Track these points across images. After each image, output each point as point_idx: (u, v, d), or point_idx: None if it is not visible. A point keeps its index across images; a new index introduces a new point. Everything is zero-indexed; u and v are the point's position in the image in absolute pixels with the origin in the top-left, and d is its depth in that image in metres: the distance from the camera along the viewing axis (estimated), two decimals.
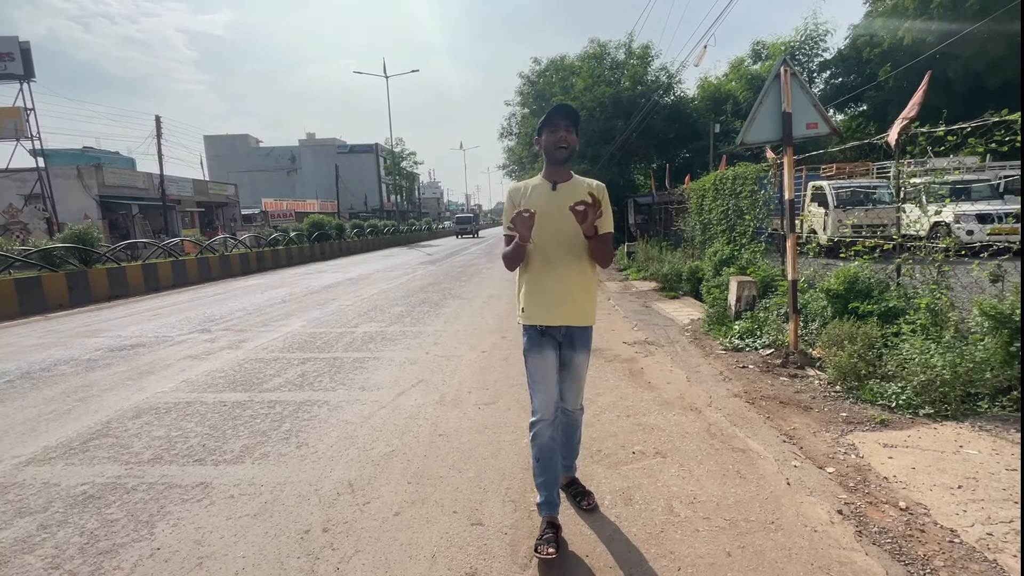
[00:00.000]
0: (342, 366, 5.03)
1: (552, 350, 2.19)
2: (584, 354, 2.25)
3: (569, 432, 2.43)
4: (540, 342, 2.18)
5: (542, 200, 2.17)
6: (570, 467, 2.55)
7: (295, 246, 20.73)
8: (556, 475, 2.23)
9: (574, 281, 2.16)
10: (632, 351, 5.27)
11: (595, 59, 21.81)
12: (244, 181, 44.07)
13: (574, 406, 2.36)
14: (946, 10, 19.19)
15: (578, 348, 2.22)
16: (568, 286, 2.16)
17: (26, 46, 22.38)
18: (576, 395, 2.33)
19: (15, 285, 9.35)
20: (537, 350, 2.19)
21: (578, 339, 2.22)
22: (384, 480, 2.77)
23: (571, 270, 2.16)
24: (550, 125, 2.14)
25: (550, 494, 2.19)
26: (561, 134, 2.12)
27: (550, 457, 2.19)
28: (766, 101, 4.51)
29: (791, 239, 4.63)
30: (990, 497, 2.34)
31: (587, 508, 2.43)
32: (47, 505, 2.63)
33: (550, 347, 2.19)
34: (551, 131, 2.13)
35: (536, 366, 2.19)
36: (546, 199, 2.17)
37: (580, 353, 2.23)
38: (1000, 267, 3.77)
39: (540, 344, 2.18)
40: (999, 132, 3.83)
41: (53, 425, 3.73)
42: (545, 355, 2.18)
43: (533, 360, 2.20)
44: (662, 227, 15.38)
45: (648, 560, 2.06)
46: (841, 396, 3.69)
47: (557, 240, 2.14)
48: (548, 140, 2.14)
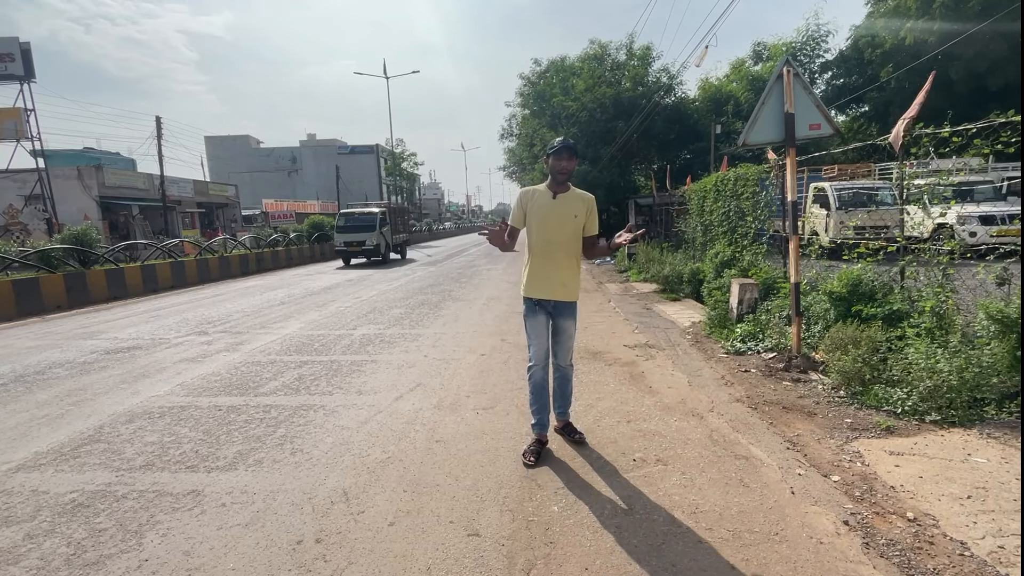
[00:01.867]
0: (339, 369, 4.97)
1: (544, 315, 2.98)
2: (570, 321, 3.00)
3: (563, 384, 3.13)
4: (535, 309, 2.98)
5: (544, 207, 2.94)
6: (563, 413, 3.21)
7: (295, 247, 20.68)
8: (546, 403, 3.04)
9: (563, 268, 2.94)
10: (633, 354, 5.21)
11: (596, 60, 21.78)
12: (245, 182, 44.02)
13: (565, 362, 3.06)
14: (948, 11, 19.10)
15: (565, 316, 2.98)
16: (558, 271, 2.93)
17: (27, 47, 22.36)
18: (566, 353, 3.05)
19: (12, 286, 9.30)
20: (532, 314, 2.98)
21: (565, 310, 2.98)
22: (379, 488, 2.71)
23: (561, 261, 2.93)
24: (556, 155, 2.85)
25: (541, 417, 3.03)
26: (564, 164, 2.87)
27: (542, 390, 3.01)
28: (768, 102, 4.46)
29: (793, 241, 4.57)
30: (1000, 508, 2.28)
31: (577, 440, 3.15)
32: (35, 514, 2.57)
33: (543, 313, 2.98)
34: (556, 159, 2.86)
35: (531, 325, 2.98)
36: (548, 207, 2.94)
37: (567, 320, 2.99)
38: (1006, 270, 3.71)
39: (534, 310, 2.98)
40: (1005, 133, 3.77)
41: (45, 430, 3.67)
42: (538, 318, 2.98)
43: (529, 321, 2.98)
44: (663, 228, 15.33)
45: (649, 574, 2.00)
46: (845, 401, 3.62)
47: (553, 239, 2.92)
48: (554, 165, 2.88)
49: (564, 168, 2.87)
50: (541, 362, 2.99)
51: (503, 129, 27.17)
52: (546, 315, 2.97)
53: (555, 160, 2.86)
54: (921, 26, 19.87)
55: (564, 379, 3.12)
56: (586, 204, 2.96)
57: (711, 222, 8.95)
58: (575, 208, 2.92)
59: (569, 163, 2.87)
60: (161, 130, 24.95)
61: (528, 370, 3.02)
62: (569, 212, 2.91)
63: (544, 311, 2.97)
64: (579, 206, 2.92)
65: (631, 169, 23.44)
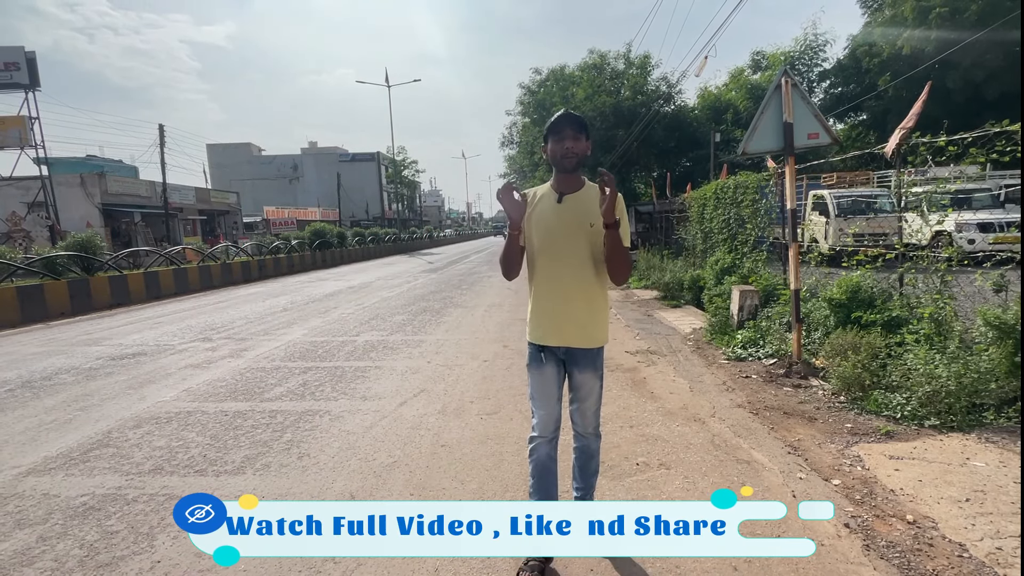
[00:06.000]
0: (344, 375, 5.01)
1: (553, 368, 2.07)
2: (590, 375, 2.06)
3: (584, 460, 2.20)
4: (539, 359, 2.07)
5: (546, 213, 2.02)
6: (585, 497, 2.24)
7: (296, 254, 20.76)
8: (552, 494, 2.13)
9: (578, 300, 2.00)
10: (634, 360, 5.25)
11: (595, 69, 21.95)
12: (246, 189, 44.17)
13: (587, 430, 2.15)
14: (944, 20, 19.32)
15: (582, 369, 2.05)
16: (570, 305, 2.00)
17: (32, 56, 22.59)
18: (584, 418, 2.13)
19: (17, 293, 9.36)
20: (536, 366, 2.08)
21: (582, 360, 2.05)
22: (386, 491, 2.75)
23: (575, 288, 2.00)
24: (555, 133, 1.97)
25: None
26: (568, 144, 1.96)
27: (546, 476, 2.11)
28: (767, 111, 4.53)
29: (793, 248, 4.63)
30: (999, 511, 2.32)
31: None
32: (47, 516, 2.61)
33: (550, 365, 2.06)
34: (556, 140, 1.97)
35: (535, 382, 2.10)
36: (550, 212, 2.01)
37: (585, 374, 2.06)
38: (1003, 277, 3.76)
39: (539, 361, 2.07)
40: (1000, 142, 3.84)
41: (53, 435, 3.71)
42: (544, 372, 2.06)
43: (533, 376, 2.11)
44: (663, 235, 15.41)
45: (653, 574, 2.04)
46: (845, 407, 3.66)
47: (561, 256, 1.99)
48: (554, 149, 1.99)
49: (570, 151, 1.96)
50: (548, 433, 2.11)
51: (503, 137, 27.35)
52: (556, 367, 2.08)
53: (555, 143, 1.98)
54: (918, 35, 20.08)
55: (586, 454, 2.20)
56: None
57: (711, 229, 9.03)
58: (590, 213, 1.96)
59: (576, 143, 1.97)
60: (164, 138, 25.13)
61: (529, 442, 2.15)
62: (581, 220, 1.98)
63: (553, 361, 2.07)
64: (596, 208, 1.92)
65: (631, 177, 23.58)
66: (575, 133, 1.96)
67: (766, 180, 6.92)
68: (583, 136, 1.99)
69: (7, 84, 22.57)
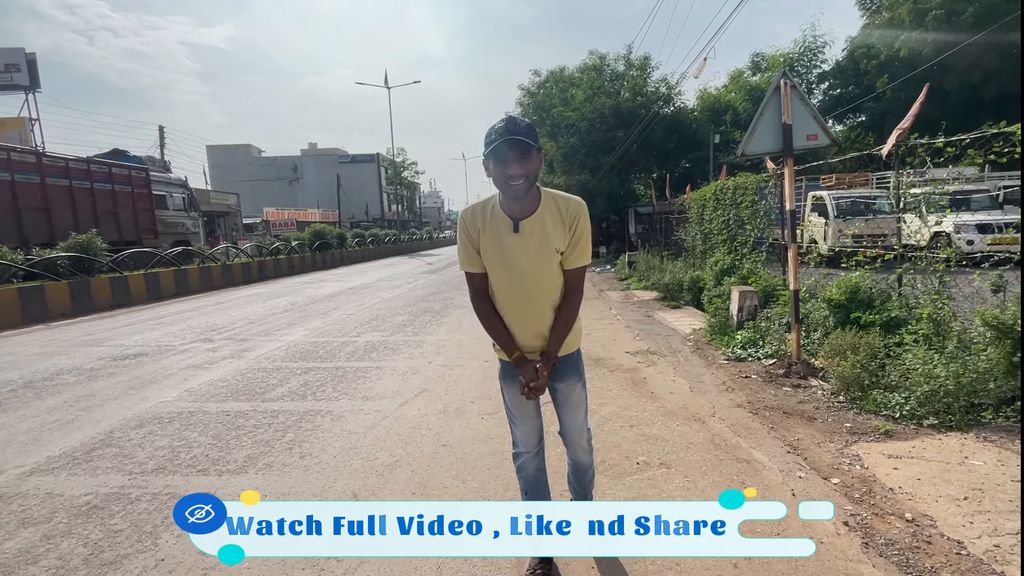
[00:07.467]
0: (345, 376, 5.03)
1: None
2: (572, 382, 1.95)
3: (579, 473, 2.14)
4: (511, 373, 1.92)
5: (504, 243, 1.78)
6: (584, 499, 2.19)
7: (297, 255, 20.77)
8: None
9: (549, 316, 1.86)
10: (634, 361, 5.27)
11: (595, 70, 22.00)
12: (246, 190, 44.19)
13: (575, 451, 2.07)
14: (941, 23, 19.39)
15: (563, 377, 1.94)
16: (543, 323, 1.86)
17: (32, 57, 22.68)
18: (577, 430, 2.02)
19: (18, 294, 9.37)
20: (510, 381, 1.95)
21: (562, 366, 1.92)
22: (388, 491, 2.77)
23: (547, 308, 1.85)
24: (496, 157, 1.65)
25: None
26: (512, 170, 1.64)
27: (539, 489, 2.06)
28: (766, 113, 4.56)
29: (792, 249, 4.65)
30: (996, 508, 2.34)
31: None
32: (51, 515, 2.62)
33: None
34: (498, 164, 1.66)
35: (511, 397, 1.98)
36: (509, 242, 1.78)
37: (565, 381, 1.94)
38: (1001, 277, 3.79)
39: (511, 375, 1.93)
40: (997, 143, 3.87)
41: (56, 435, 3.73)
42: (519, 386, 1.89)
43: (507, 390, 1.98)
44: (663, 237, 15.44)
45: (653, 573, 2.06)
46: (845, 406, 3.68)
47: (524, 287, 1.81)
48: (496, 173, 1.68)
49: (516, 176, 1.65)
50: (532, 448, 2.01)
51: None
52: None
53: (497, 166, 1.66)
54: (915, 37, 20.14)
55: (579, 468, 2.12)
56: (569, 218, 1.77)
57: (711, 230, 9.06)
58: (553, 233, 1.77)
59: (524, 165, 1.65)
60: (164, 139, 25.19)
61: (515, 459, 2.06)
62: (545, 246, 1.77)
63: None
64: (558, 227, 1.77)
65: (631, 178, 23.61)
66: (521, 154, 1.64)
67: (765, 181, 6.95)
68: (533, 151, 1.66)
69: (7, 85, 22.64)
